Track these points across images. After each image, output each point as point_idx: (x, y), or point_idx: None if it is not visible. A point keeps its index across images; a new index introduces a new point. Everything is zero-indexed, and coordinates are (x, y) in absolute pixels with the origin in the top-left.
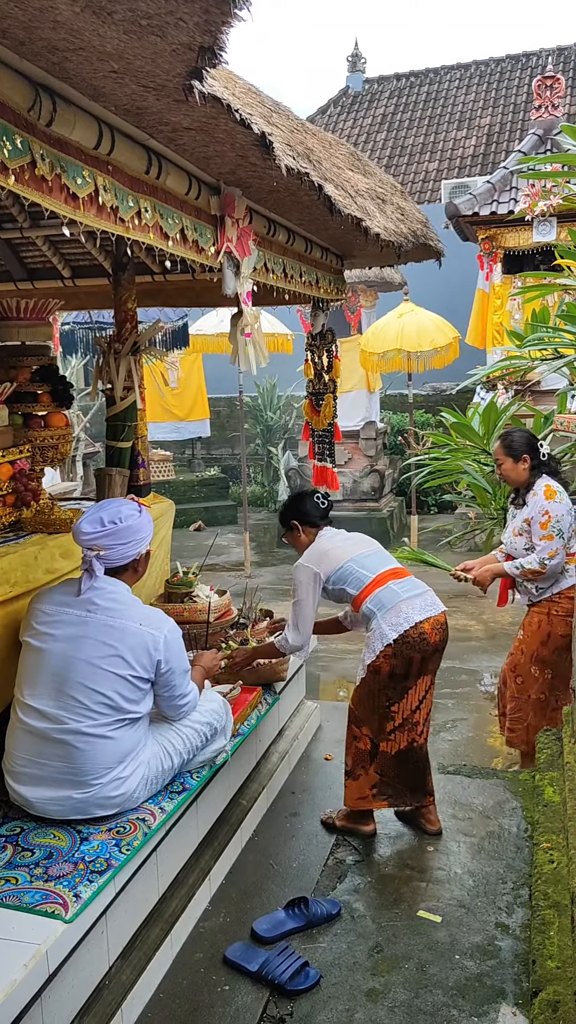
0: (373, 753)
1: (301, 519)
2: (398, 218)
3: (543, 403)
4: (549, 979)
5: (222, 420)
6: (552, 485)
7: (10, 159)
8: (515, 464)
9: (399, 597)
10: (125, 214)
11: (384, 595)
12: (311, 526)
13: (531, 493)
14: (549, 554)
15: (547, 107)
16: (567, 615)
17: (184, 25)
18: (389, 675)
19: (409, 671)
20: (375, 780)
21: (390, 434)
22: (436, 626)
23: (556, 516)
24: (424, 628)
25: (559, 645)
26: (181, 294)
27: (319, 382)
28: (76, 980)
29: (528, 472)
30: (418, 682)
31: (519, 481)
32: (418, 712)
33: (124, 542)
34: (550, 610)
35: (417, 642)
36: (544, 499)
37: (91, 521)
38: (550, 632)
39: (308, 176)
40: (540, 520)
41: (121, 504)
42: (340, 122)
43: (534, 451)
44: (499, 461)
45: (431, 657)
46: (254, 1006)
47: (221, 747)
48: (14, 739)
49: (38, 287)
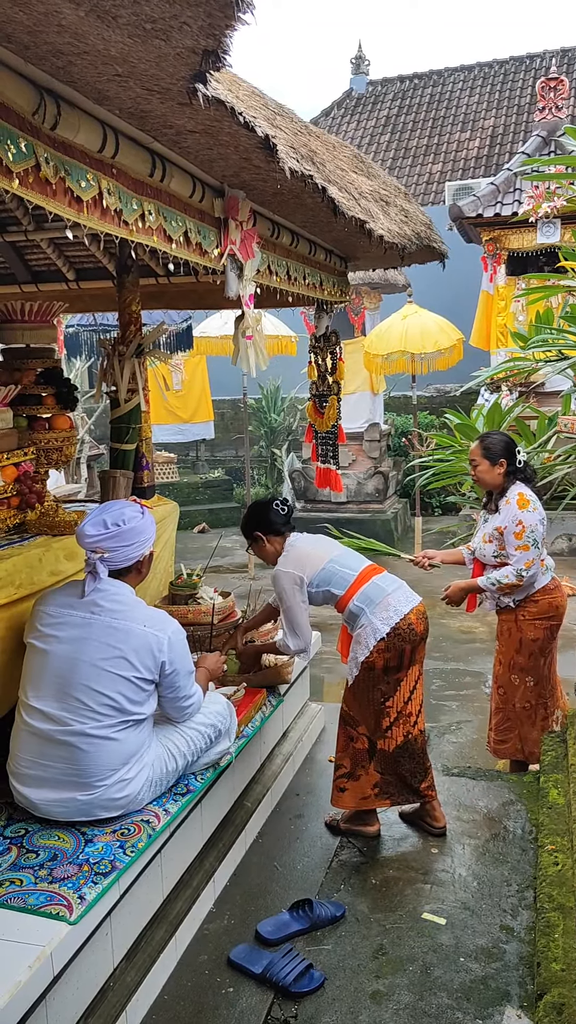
0: (371, 751)
1: (265, 529)
2: (402, 220)
3: (547, 405)
4: (554, 982)
5: (226, 422)
6: (526, 494)
7: (14, 162)
8: (491, 467)
9: (385, 592)
10: (129, 217)
11: (371, 591)
12: (276, 534)
13: (504, 500)
14: (525, 564)
15: (551, 109)
16: (535, 619)
17: (188, 29)
18: (383, 669)
19: (401, 663)
20: (376, 779)
21: (394, 436)
22: (419, 616)
23: (530, 526)
24: (411, 619)
25: (533, 650)
26: (185, 296)
27: (323, 384)
28: (81, 982)
29: (503, 477)
30: (408, 673)
31: (492, 484)
32: (410, 703)
33: (127, 544)
34: (517, 616)
35: (407, 633)
36: (517, 508)
37: (94, 524)
38: (521, 638)
39: (312, 178)
40: (514, 530)
41: (124, 506)
42: (344, 124)
43: (512, 456)
44: (475, 462)
45: (418, 646)
46: (258, 1008)
47: (225, 749)
48: (18, 741)
49: (42, 289)
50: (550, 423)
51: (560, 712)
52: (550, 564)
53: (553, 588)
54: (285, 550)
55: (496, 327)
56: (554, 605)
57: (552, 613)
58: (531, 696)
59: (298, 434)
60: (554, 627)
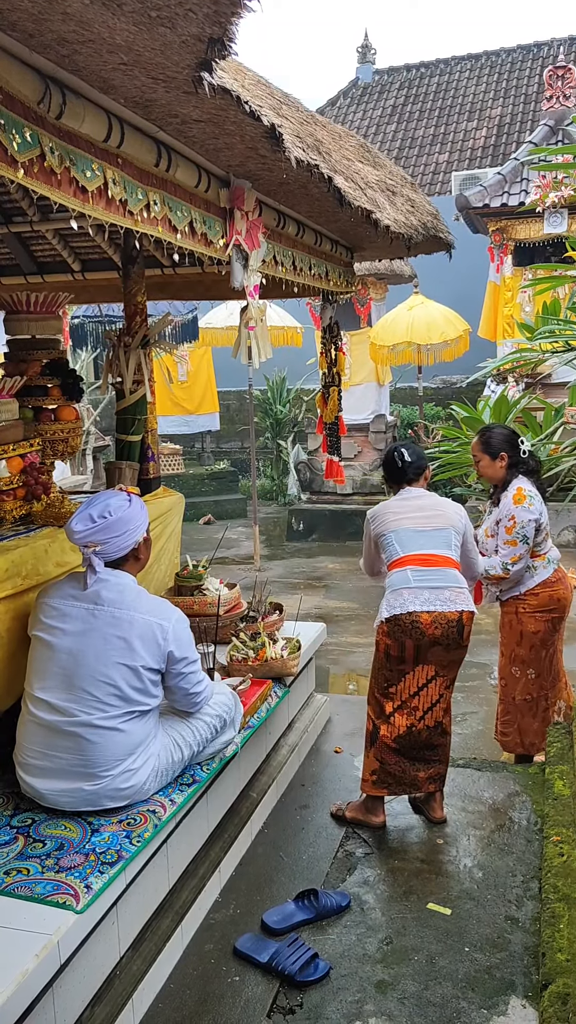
0: (374, 736)
1: (386, 480)
2: (408, 210)
3: (554, 396)
4: (559, 972)
5: (231, 414)
6: (524, 488)
7: (19, 152)
8: (492, 461)
9: (408, 584)
10: (134, 207)
11: (396, 577)
12: (393, 483)
13: (505, 493)
14: (512, 559)
15: (559, 97)
16: (535, 611)
17: (194, 16)
18: (385, 654)
19: (404, 655)
20: (375, 766)
21: (400, 427)
22: (439, 620)
23: (521, 522)
24: (419, 617)
25: (534, 643)
26: (190, 287)
27: (328, 375)
28: (87, 970)
29: (505, 470)
30: (416, 669)
31: (495, 479)
32: (417, 698)
33: (118, 534)
34: (517, 608)
35: (409, 628)
36: (512, 503)
37: (81, 519)
38: (522, 631)
39: (318, 168)
40: (506, 524)
41: (109, 497)
42: (350, 113)
43: (513, 449)
44: (476, 458)
45: (428, 648)
46: (264, 997)
47: (231, 739)
48: (25, 732)
49: (48, 281)
50: (557, 414)
51: (564, 704)
52: (554, 556)
53: (555, 581)
54: (391, 500)
55: (503, 318)
56: (555, 598)
57: (553, 606)
58: (532, 689)
59: (304, 425)
60: (556, 620)
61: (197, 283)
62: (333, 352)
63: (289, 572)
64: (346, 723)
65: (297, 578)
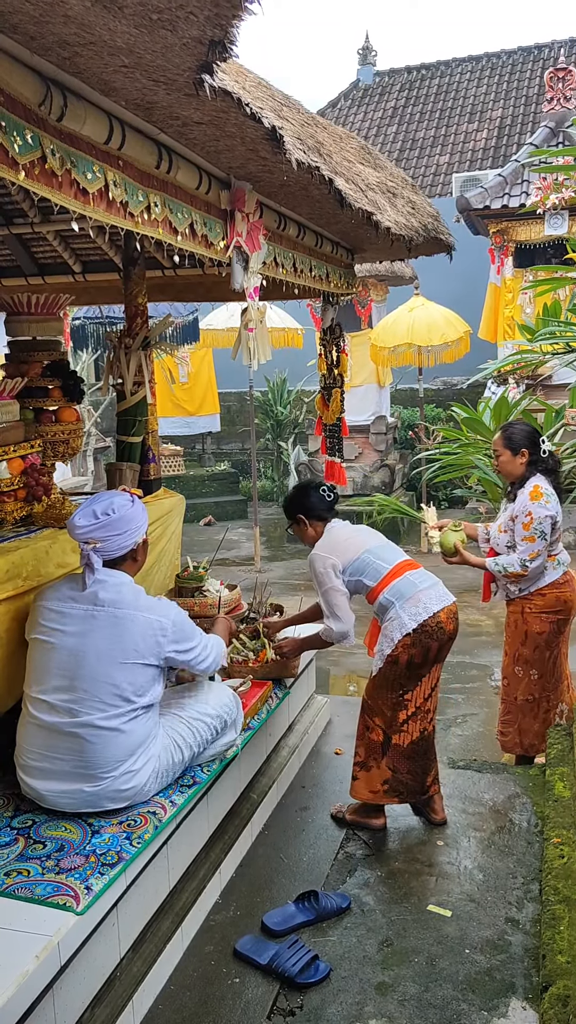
0: (385, 746)
1: (307, 513)
2: (409, 212)
3: (554, 397)
4: (559, 974)
5: (232, 415)
6: (541, 486)
7: (21, 154)
8: (513, 457)
9: (417, 587)
10: (135, 209)
11: (402, 585)
12: (318, 519)
13: (522, 490)
14: (530, 556)
15: (559, 99)
16: (541, 612)
17: (194, 19)
18: (407, 665)
19: (426, 659)
20: (387, 776)
21: (400, 429)
22: (451, 615)
23: (538, 518)
24: (441, 617)
25: (538, 643)
26: (191, 289)
27: (330, 376)
28: (87, 971)
29: (524, 467)
30: (432, 670)
31: (514, 475)
32: (430, 700)
33: (119, 532)
34: (523, 608)
35: (435, 631)
36: (529, 500)
37: (84, 515)
38: (527, 631)
39: (319, 170)
40: (523, 520)
41: (113, 496)
42: (351, 115)
43: (534, 446)
44: (497, 453)
45: (445, 645)
46: (264, 999)
47: (231, 741)
48: (26, 734)
49: (49, 282)
50: (557, 416)
51: (565, 706)
52: (564, 559)
53: (563, 583)
54: (324, 534)
55: (503, 319)
56: (562, 600)
57: (560, 608)
58: (534, 689)
59: (304, 427)
60: (562, 621)
61: (198, 285)
62: (335, 353)
63: (289, 573)
64: (346, 725)
65: (297, 579)
